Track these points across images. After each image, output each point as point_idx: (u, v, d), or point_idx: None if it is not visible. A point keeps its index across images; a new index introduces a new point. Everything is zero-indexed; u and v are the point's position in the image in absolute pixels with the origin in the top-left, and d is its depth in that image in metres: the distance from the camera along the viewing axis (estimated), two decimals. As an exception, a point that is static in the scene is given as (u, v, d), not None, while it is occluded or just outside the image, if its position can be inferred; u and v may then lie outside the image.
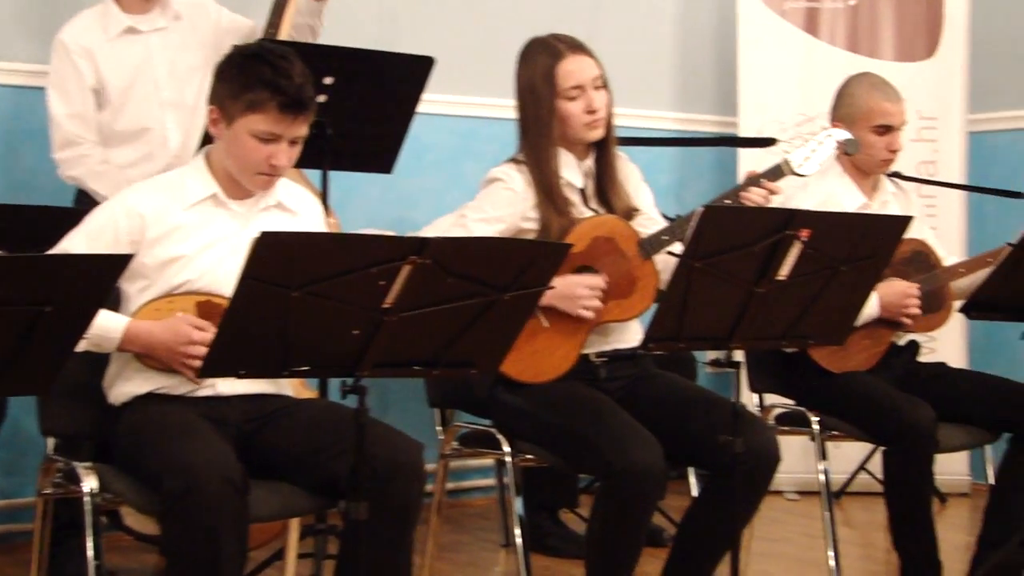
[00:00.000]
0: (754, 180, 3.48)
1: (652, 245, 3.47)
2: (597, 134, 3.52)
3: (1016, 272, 3.45)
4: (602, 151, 3.58)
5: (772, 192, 3.47)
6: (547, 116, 3.48)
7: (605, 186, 3.57)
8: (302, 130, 3.04)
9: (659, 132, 5.94)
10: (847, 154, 3.85)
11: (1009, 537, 3.75)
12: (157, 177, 3.26)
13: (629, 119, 5.78)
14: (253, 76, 2.98)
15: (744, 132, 5.84)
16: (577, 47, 3.53)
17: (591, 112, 3.48)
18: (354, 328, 2.59)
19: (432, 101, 5.09)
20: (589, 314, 3.39)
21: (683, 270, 2.89)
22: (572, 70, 3.49)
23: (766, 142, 4.76)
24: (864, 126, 4.07)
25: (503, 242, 3.04)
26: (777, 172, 3.50)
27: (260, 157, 3.01)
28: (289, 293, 2.48)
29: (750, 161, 5.57)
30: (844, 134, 3.61)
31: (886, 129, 4.08)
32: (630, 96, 5.80)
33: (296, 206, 3.22)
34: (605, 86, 3.53)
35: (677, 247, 3.35)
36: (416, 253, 2.51)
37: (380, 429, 2.92)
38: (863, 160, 4.09)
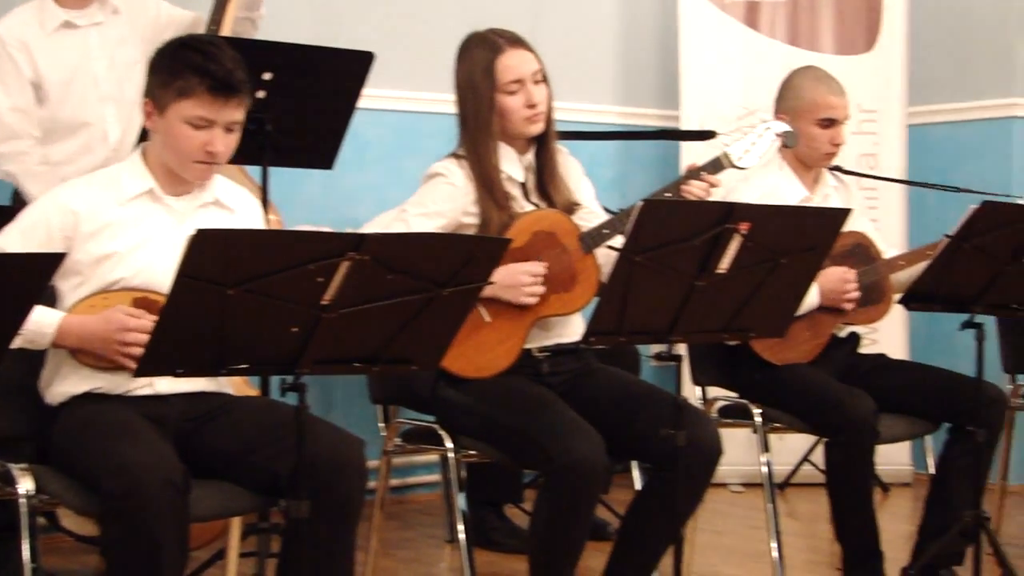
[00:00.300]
0: (694, 173, 3.48)
1: (593, 239, 3.47)
2: (537, 128, 3.52)
3: (954, 263, 3.47)
4: (543, 146, 3.57)
5: (712, 185, 3.48)
6: (487, 110, 3.47)
7: (546, 181, 3.57)
8: (236, 115, 3.01)
9: (601, 126, 5.95)
10: (786, 146, 3.86)
11: (949, 526, 3.78)
12: (92, 173, 3.22)
13: (571, 113, 5.79)
14: (181, 63, 2.97)
15: (686, 126, 5.86)
16: (516, 41, 3.53)
17: (531, 106, 3.48)
18: (293, 325, 2.57)
19: (373, 96, 5.07)
20: (532, 300, 3.39)
21: (623, 264, 2.90)
22: (511, 64, 3.48)
23: (706, 135, 4.77)
24: (808, 119, 4.09)
25: (442, 238, 3.03)
26: (717, 165, 3.50)
27: (196, 145, 2.98)
28: (225, 291, 2.46)
29: (692, 155, 5.58)
30: (783, 126, 3.62)
31: (830, 123, 4.10)
32: (572, 90, 5.82)
33: (234, 203, 3.19)
34: (545, 80, 3.53)
35: (618, 241, 3.36)
36: (354, 249, 2.50)
37: (321, 427, 2.90)
38: (805, 153, 4.11)
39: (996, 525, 4.73)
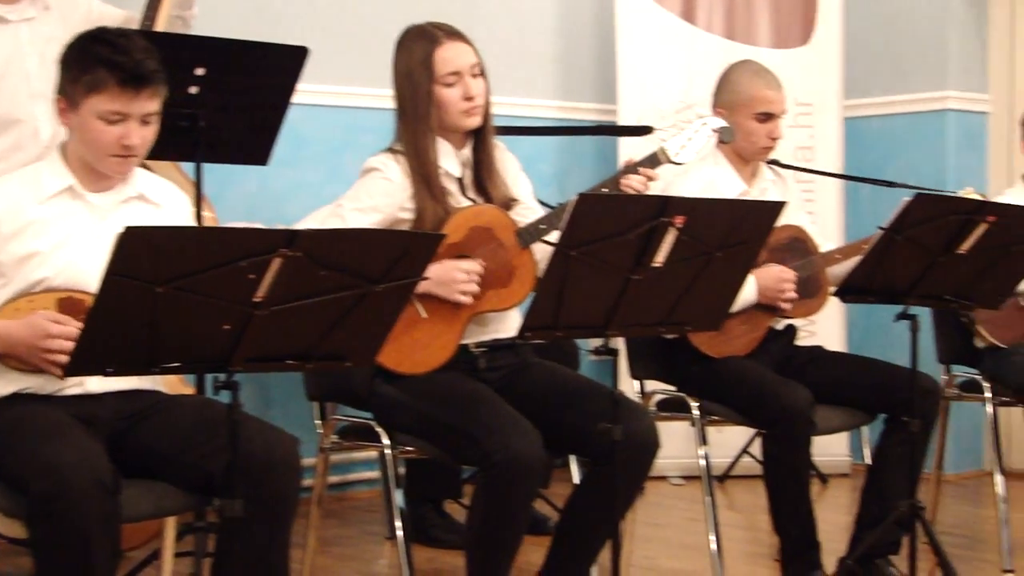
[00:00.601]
0: (631, 168, 3.48)
1: (530, 234, 3.46)
2: (474, 122, 3.51)
3: (887, 256, 3.49)
4: (480, 141, 3.57)
5: (650, 179, 3.48)
6: (425, 103, 3.46)
7: (483, 176, 3.56)
8: (150, 106, 2.96)
9: (540, 121, 5.94)
10: (723, 142, 3.87)
11: (885, 516, 3.81)
12: (11, 172, 3.18)
13: (509, 108, 5.78)
14: (90, 57, 2.92)
15: (624, 120, 5.86)
16: (455, 34, 3.53)
17: (468, 99, 3.47)
18: (225, 323, 2.55)
19: (310, 92, 5.05)
20: (466, 299, 3.38)
21: (559, 258, 2.89)
22: (449, 56, 3.48)
23: (642, 130, 4.78)
24: (746, 113, 4.10)
25: (375, 233, 3.01)
26: (654, 160, 3.50)
27: (111, 139, 2.94)
28: (155, 289, 2.43)
29: (630, 149, 5.59)
30: (719, 122, 3.63)
31: (767, 117, 4.11)
32: (510, 85, 5.81)
33: (159, 198, 3.15)
34: (483, 74, 3.53)
35: (556, 236, 3.35)
36: (286, 246, 2.48)
37: (255, 424, 2.88)
38: (743, 147, 4.12)
39: (932, 514, 4.78)
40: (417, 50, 3.49)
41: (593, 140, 6.12)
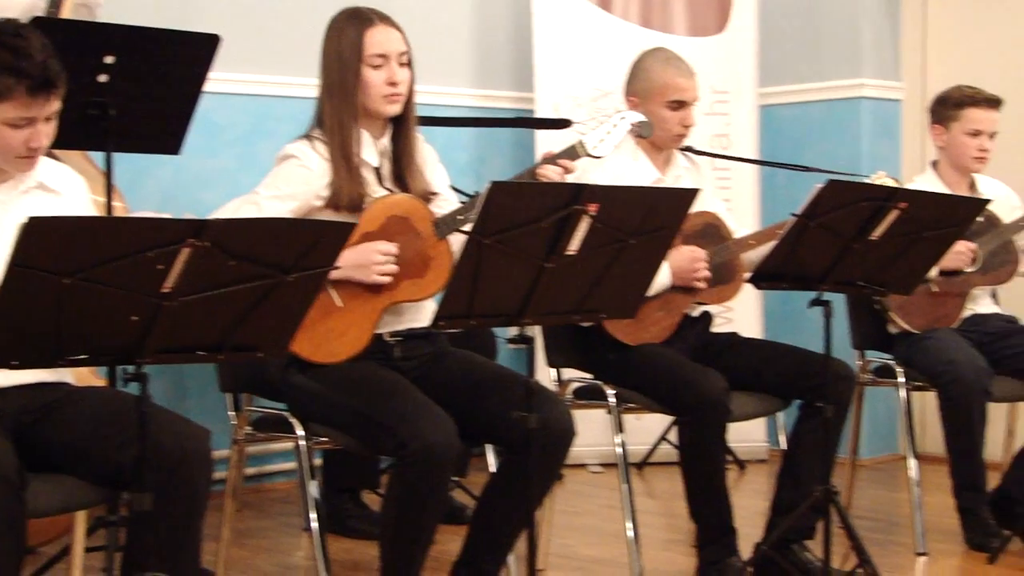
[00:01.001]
0: (550, 160, 3.48)
1: (447, 225, 3.45)
2: (394, 109, 3.50)
3: (801, 242, 3.51)
4: (400, 131, 3.55)
5: (567, 170, 3.48)
6: (352, 82, 3.45)
7: (403, 168, 3.54)
8: (56, 105, 2.90)
9: (456, 109, 5.93)
10: (641, 136, 3.88)
11: (800, 501, 3.83)
12: None
13: (426, 96, 5.71)
14: None
15: (541, 108, 5.86)
16: (388, 20, 3.54)
17: (391, 84, 3.46)
18: (133, 314, 2.52)
19: (225, 80, 5.01)
20: (385, 279, 3.36)
21: (472, 247, 2.88)
22: (379, 39, 3.48)
23: (561, 123, 4.78)
24: (659, 101, 4.11)
25: (285, 223, 2.98)
26: (572, 153, 3.50)
27: (18, 143, 2.88)
28: (61, 280, 2.39)
29: (548, 138, 5.59)
30: (638, 116, 3.63)
31: (680, 104, 4.12)
32: (426, 73, 5.74)
33: (59, 186, 3.09)
34: (410, 65, 3.52)
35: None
36: (194, 236, 2.45)
37: (165, 417, 2.84)
38: (657, 135, 4.12)
39: (847, 499, 4.83)
40: (349, 30, 3.49)
41: (510, 129, 6.11)
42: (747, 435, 5.86)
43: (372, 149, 3.52)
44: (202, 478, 2.84)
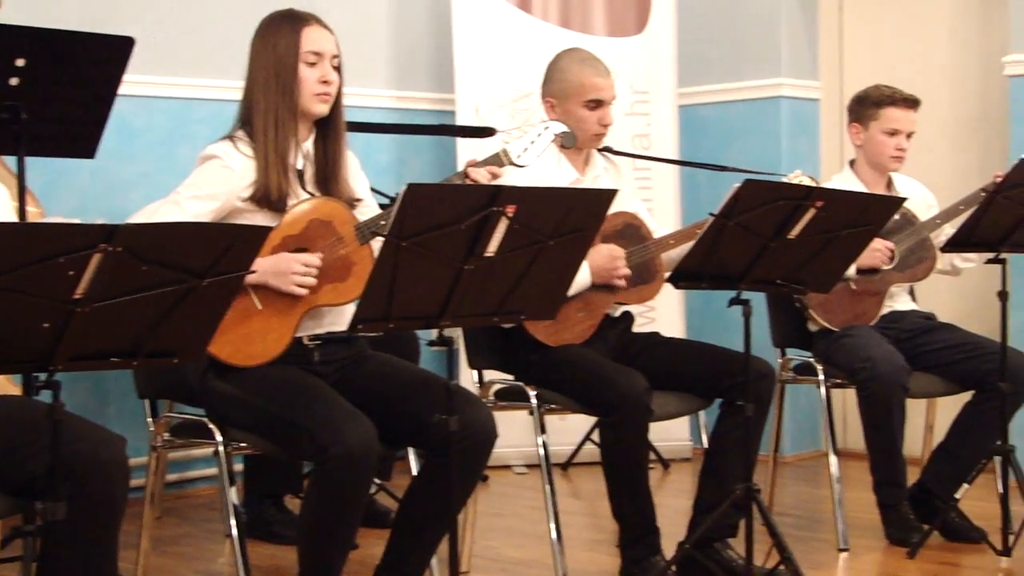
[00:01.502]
0: (475, 166, 3.48)
1: (369, 229, 3.43)
2: (324, 109, 3.50)
3: (719, 241, 3.53)
4: (327, 135, 3.54)
5: (494, 176, 3.48)
6: (290, 79, 3.45)
7: (328, 173, 3.53)
8: None
9: (376, 111, 5.90)
10: (564, 147, 3.87)
11: (722, 500, 3.85)
12: None
13: (345, 98, 5.71)
14: None
15: (461, 109, 5.85)
16: (323, 23, 3.55)
17: (324, 82, 3.47)
18: (44, 321, 2.47)
19: (142, 83, 4.96)
20: (302, 291, 3.34)
21: (389, 250, 2.86)
22: (315, 37, 3.49)
23: (485, 132, 4.78)
24: (576, 101, 4.11)
25: (199, 227, 2.93)
26: (496, 161, 3.50)
27: None
28: (-32, 287, 2.35)
29: (470, 142, 5.59)
30: (561, 127, 3.63)
31: (597, 104, 4.13)
32: (345, 74, 5.73)
33: None
34: (340, 70, 3.52)
35: (393, 230, 3.34)
36: (105, 241, 2.41)
37: (79, 424, 2.80)
38: (575, 135, 4.12)
39: (770, 496, 4.87)
40: (285, 28, 3.49)
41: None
42: (671, 434, 5.89)
43: (296, 152, 3.50)
44: (118, 486, 2.80)
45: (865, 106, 4.75)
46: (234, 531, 3.38)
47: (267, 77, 3.47)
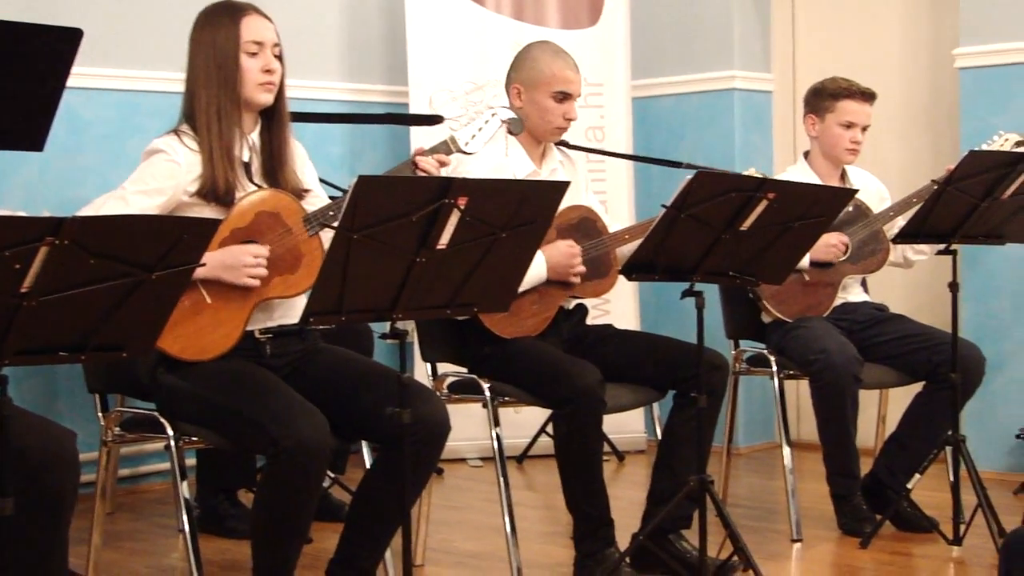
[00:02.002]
0: (423, 154, 3.47)
1: (318, 221, 3.42)
2: (267, 99, 3.47)
3: (671, 233, 3.53)
4: (272, 126, 3.52)
5: (442, 164, 3.47)
6: (232, 70, 3.42)
7: (275, 164, 3.51)
8: None
9: (328, 104, 5.87)
10: (512, 133, 3.86)
11: (676, 491, 3.85)
12: None
13: (297, 91, 5.66)
14: None
15: (414, 102, 5.83)
16: (262, 12, 3.52)
17: (267, 72, 3.44)
18: (-10, 315, 2.45)
19: (91, 75, 4.92)
20: (254, 282, 3.32)
21: (341, 242, 2.85)
22: (255, 27, 3.47)
23: (433, 120, 4.77)
24: (544, 92, 4.11)
25: (148, 219, 2.91)
26: (444, 149, 3.50)
27: None
28: (-88, 281, 2.32)
29: (422, 133, 5.57)
30: (509, 113, 3.64)
31: (564, 96, 4.13)
32: (297, 67, 5.68)
33: None
34: (281, 59, 3.50)
35: (342, 221, 3.32)
36: (52, 234, 2.39)
37: (28, 419, 2.78)
38: (537, 125, 4.13)
39: (724, 487, 4.88)
40: (224, 19, 3.46)
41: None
42: (626, 427, 5.90)
43: (242, 143, 3.48)
44: (68, 481, 2.78)
45: (822, 98, 4.77)
46: (186, 526, 3.36)
47: (208, 69, 3.44)
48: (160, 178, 3.39)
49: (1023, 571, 2.30)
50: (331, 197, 3.65)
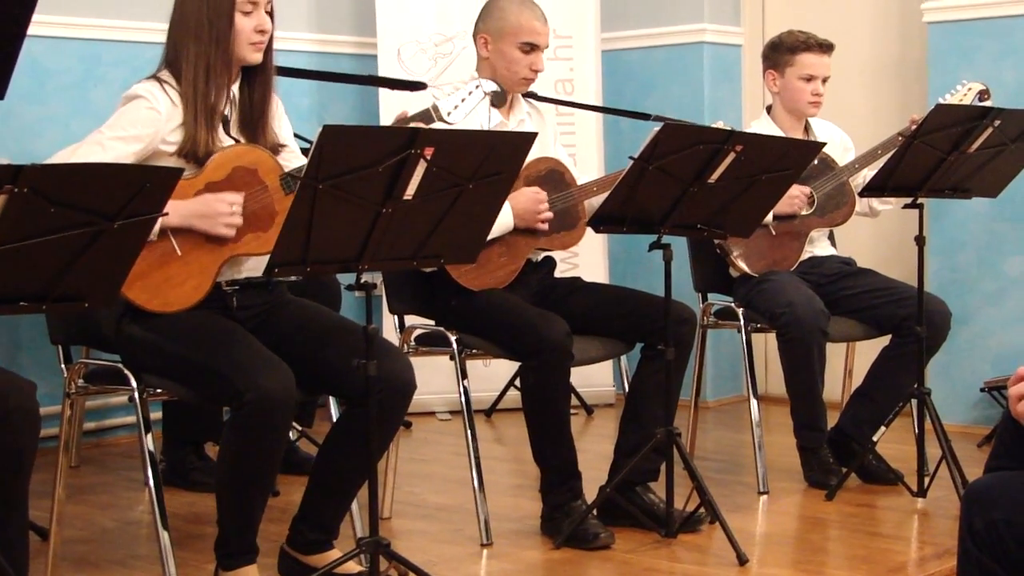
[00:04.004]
0: (404, 121, 3.43)
1: (295, 179, 3.37)
2: (258, 57, 3.43)
3: (639, 186, 3.52)
4: (257, 81, 3.47)
5: None
6: (226, 29, 3.35)
7: (255, 119, 3.46)
8: None
9: (297, 55, 5.82)
10: (494, 106, 3.83)
11: (643, 444, 3.86)
12: None
13: (266, 42, 5.63)
14: None
15: (383, 53, 5.79)
16: None
17: (260, 32, 3.40)
18: (-53, 265, 2.42)
19: (54, 24, 4.87)
20: (230, 232, 3.28)
21: (306, 192, 2.82)
22: None
23: (416, 86, 4.72)
24: (511, 41, 4.09)
25: (110, 168, 2.87)
26: (427, 116, 3.45)
27: None
28: None
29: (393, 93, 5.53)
30: (492, 85, 3.59)
31: (532, 47, 4.10)
32: (265, 18, 5.64)
33: None
34: (272, 15, 3.45)
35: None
36: (11, 182, 2.36)
37: (-13, 370, 2.75)
38: (504, 76, 4.10)
39: (691, 440, 4.89)
40: None
41: (352, 70, 6.02)
42: (594, 380, 5.91)
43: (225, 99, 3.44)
44: (27, 433, 2.75)
45: (780, 52, 4.75)
46: (150, 479, 3.34)
47: (199, 23, 3.36)
48: (139, 124, 3.32)
49: (984, 520, 2.31)
50: (302, 150, 3.61)
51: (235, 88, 3.46)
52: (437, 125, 3.45)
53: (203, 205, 3.26)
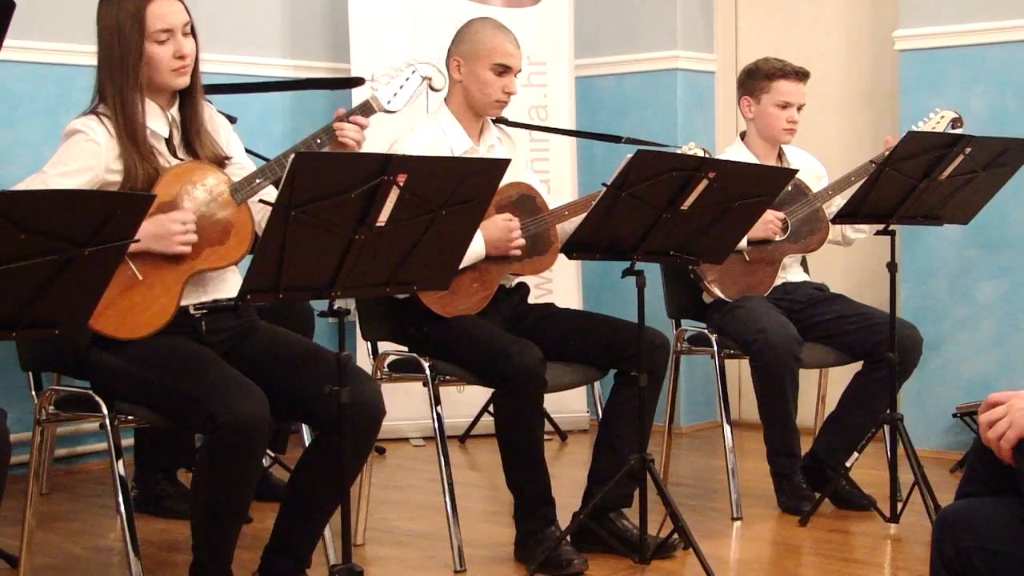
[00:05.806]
0: (343, 117, 3.45)
1: (245, 190, 3.39)
2: (183, 81, 3.42)
3: (612, 212, 3.52)
4: (187, 100, 3.47)
5: (362, 127, 3.45)
6: (135, 59, 3.34)
7: (191, 136, 3.46)
8: None
9: (271, 80, 5.82)
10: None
11: (617, 470, 3.85)
12: None
13: (238, 66, 5.66)
14: None
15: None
16: None
17: (180, 57, 3.38)
18: (-83, 291, 2.41)
19: (25, 49, 4.85)
20: (186, 249, 3.29)
21: (278, 219, 2.82)
22: (162, 13, 3.37)
23: (355, 82, 4.74)
24: (484, 64, 4.10)
25: (80, 195, 2.87)
26: (367, 109, 3.49)
27: None
28: None
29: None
30: (429, 69, 3.61)
31: (505, 70, 4.12)
32: (238, 43, 5.68)
33: None
34: (193, 33, 3.43)
35: (271, 191, 3.29)
36: (-21, 209, 2.35)
37: (-43, 398, 2.73)
38: (476, 99, 4.11)
39: (664, 466, 4.89)
40: (127, 4, 3.36)
41: (325, 98, 6.03)
42: (568, 406, 5.90)
43: (161, 120, 3.43)
44: (-2, 460, 2.75)
45: (756, 79, 4.77)
46: (121, 506, 3.32)
47: (111, 57, 3.38)
48: (81, 158, 3.33)
49: (955, 546, 2.31)
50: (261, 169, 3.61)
51: (174, 111, 3.46)
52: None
53: (156, 226, 3.26)
